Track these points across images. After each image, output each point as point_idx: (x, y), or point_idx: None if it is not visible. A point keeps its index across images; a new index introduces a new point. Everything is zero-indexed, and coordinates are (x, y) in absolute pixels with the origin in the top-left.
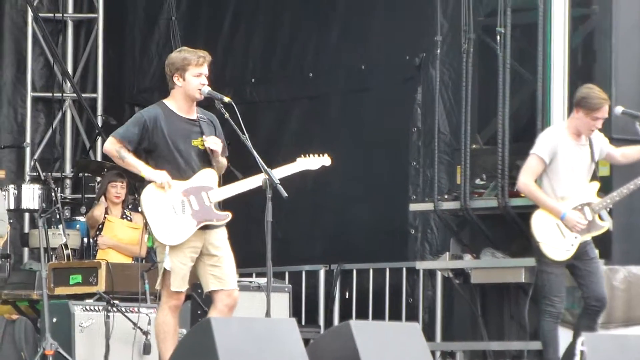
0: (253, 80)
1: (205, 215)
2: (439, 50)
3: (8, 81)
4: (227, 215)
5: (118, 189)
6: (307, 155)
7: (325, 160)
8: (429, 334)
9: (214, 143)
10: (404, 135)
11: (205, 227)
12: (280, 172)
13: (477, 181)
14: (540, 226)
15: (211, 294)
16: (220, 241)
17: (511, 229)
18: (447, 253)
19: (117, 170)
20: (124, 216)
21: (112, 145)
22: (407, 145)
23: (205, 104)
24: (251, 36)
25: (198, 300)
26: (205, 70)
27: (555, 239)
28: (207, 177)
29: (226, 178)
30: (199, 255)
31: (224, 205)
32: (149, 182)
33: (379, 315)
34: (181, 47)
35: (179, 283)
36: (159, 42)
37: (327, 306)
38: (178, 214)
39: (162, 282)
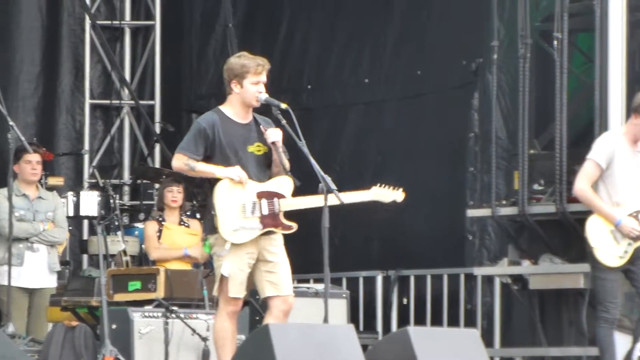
0: (309, 86)
1: (272, 222)
2: (495, 55)
3: (66, 89)
4: (292, 227)
5: (174, 194)
6: (382, 185)
7: (398, 195)
8: (488, 340)
9: (275, 134)
10: (461, 140)
11: (265, 233)
12: (351, 198)
13: (535, 186)
14: (595, 232)
15: (267, 300)
16: (276, 247)
17: (569, 235)
18: (505, 259)
19: (174, 176)
20: (182, 222)
21: (178, 161)
22: (464, 151)
23: (262, 110)
24: (307, 42)
25: (256, 306)
26: (263, 78)
27: (609, 245)
28: (282, 184)
29: None
30: (255, 262)
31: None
32: (220, 179)
33: (437, 322)
34: (241, 53)
35: (237, 289)
36: (216, 48)
37: (385, 312)
38: (247, 214)
39: (220, 288)
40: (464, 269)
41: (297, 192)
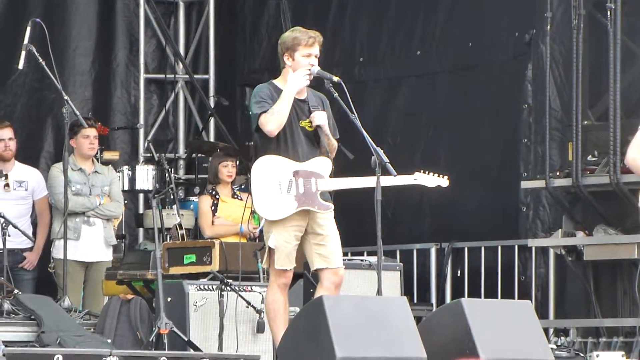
0: (361, 59)
1: (307, 201)
2: (549, 27)
3: (121, 63)
4: (329, 206)
5: (229, 168)
6: (426, 172)
7: (443, 181)
8: (542, 312)
9: (319, 117)
10: (514, 112)
11: None
12: (393, 181)
13: (589, 158)
14: None
15: (317, 272)
16: (325, 220)
17: (624, 206)
18: (560, 230)
19: (227, 150)
20: (235, 196)
21: (267, 120)
22: (517, 122)
23: (315, 84)
24: (359, 16)
25: (310, 279)
26: (315, 50)
27: None
28: (321, 164)
29: (336, 158)
30: (304, 234)
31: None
32: (262, 155)
33: (491, 294)
34: (295, 27)
35: (284, 261)
36: (269, 23)
37: (439, 284)
38: (282, 192)
39: (269, 260)
40: (518, 240)
41: (349, 165)
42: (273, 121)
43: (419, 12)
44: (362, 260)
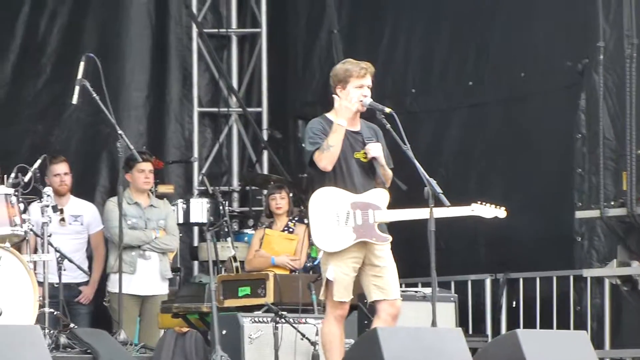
0: (413, 90)
1: (365, 233)
2: (602, 56)
3: (175, 97)
4: (387, 238)
5: (277, 201)
6: (483, 203)
7: (500, 212)
8: (598, 342)
9: (374, 149)
10: (568, 141)
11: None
12: (450, 212)
13: None
14: None
15: (374, 304)
16: (382, 252)
17: None
18: (615, 260)
19: (278, 182)
20: (286, 228)
21: (321, 157)
22: (571, 152)
23: (367, 115)
24: (411, 47)
25: (364, 310)
26: (367, 81)
27: None
28: (378, 196)
29: (390, 189)
30: (361, 266)
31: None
32: (319, 187)
33: (546, 324)
34: (346, 59)
35: (342, 293)
36: (321, 55)
37: (494, 315)
38: (340, 224)
39: (326, 292)
40: (573, 270)
41: (402, 196)
42: (326, 157)
43: (470, 42)
44: (416, 292)
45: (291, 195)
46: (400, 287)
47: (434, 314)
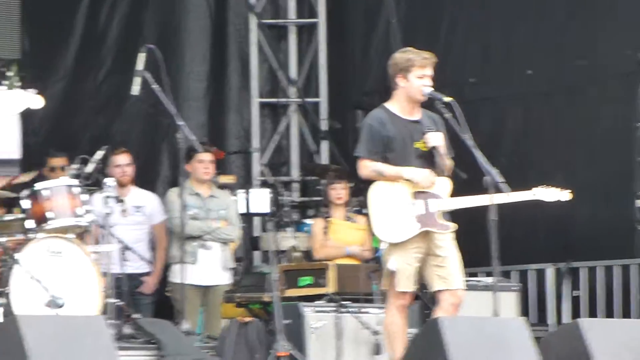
0: (471, 79)
1: (428, 222)
2: None
3: (234, 88)
4: (450, 226)
5: (338, 191)
6: (547, 185)
7: (563, 194)
8: None
9: (435, 138)
10: (627, 130)
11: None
12: (512, 197)
13: None
14: None
15: (436, 294)
16: (444, 241)
17: None
18: None
19: (338, 172)
20: (347, 218)
21: (365, 169)
22: (630, 141)
23: (426, 104)
24: (469, 36)
25: (425, 300)
26: (428, 71)
27: None
28: (440, 185)
29: (450, 179)
30: (424, 256)
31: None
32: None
33: (609, 313)
34: (406, 48)
35: (405, 283)
36: (379, 45)
37: (556, 305)
38: (403, 214)
39: (388, 282)
40: (635, 259)
41: (463, 185)
42: (370, 175)
43: (529, 30)
44: (478, 281)
45: (350, 185)
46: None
47: (496, 303)
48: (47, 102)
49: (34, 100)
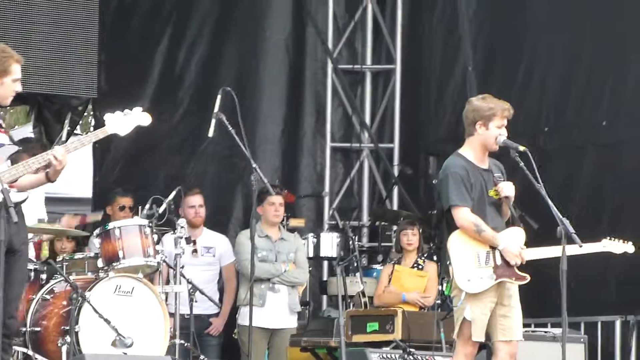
0: (546, 128)
1: (505, 272)
2: None
3: (308, 131)
4: (526, 277)
5: (409, 237)
6: (612, 238)
7: (629, 247)
8: None
9: (508, 188)
10: None
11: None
12: (584, 249)
13: None
14: None
15: (495, 343)
16: (513, 291)
17: None
18: None
19: (409, 218)
20: (415, 265)
21: (464, 220)
22: None
23: (498, 153)
24: (545, 85)
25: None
26: (506, 122)
27: None
28: (516, 235)
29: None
30: (494, 305)
31: None
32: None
33: None
34: (484, 95)
35: (479, 333)
36: (454, 92)
37: (623, 357)
38: (481, 264)
39: (460, 331)
40: None
41: (534, 235)
42: (468, 226)
43: (606, 80)
44: (545, 332)
45: (421, 231)
46: (530, 327)
47: (564, 354)
48: (121, 141)
49: (143, 117)
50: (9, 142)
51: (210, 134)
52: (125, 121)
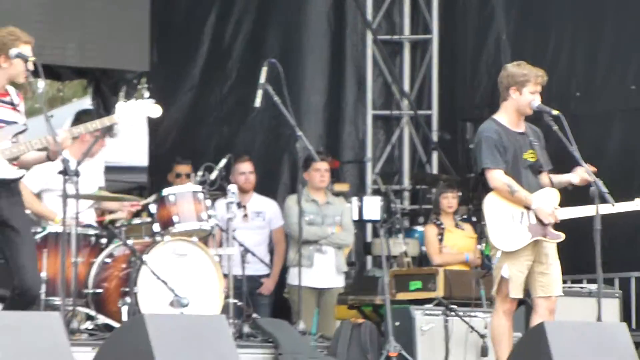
0: (578, 94)
1: (540, 231)
2: None
3: (350, 101)
4: (560, 236)
5: (449, 200)
6: None
7: None
8: None
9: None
10: None
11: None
12: (619, 208)
13: None
14: None
15: (535, 299)
16: (550, 249)
17: None
18: None
19: (449, 182)
20: (456, 226)
21: (499, 180)
22: None
23: (532, 117)
24: (575, 51)
25: (530, 305)
26: (539, 88)
27: None
28: (550, 195)
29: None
30: (531, 263)
31: None
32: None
33: None
34: (519, 62)
35: (517, 290)
36: (488, 60)
37: None
38: (516, 223)
39: (498, 288)
40: None
41: (569, 196)
42: (501, 187)
43: (635, 46)
44: (582, 288)
45: (459, 194)
46: (567, 283)
47: (600, 309)
48: (174, 113)
49: (153, 109)
50: (22, 121)
51: (257, 104)
52: (135, 111)
